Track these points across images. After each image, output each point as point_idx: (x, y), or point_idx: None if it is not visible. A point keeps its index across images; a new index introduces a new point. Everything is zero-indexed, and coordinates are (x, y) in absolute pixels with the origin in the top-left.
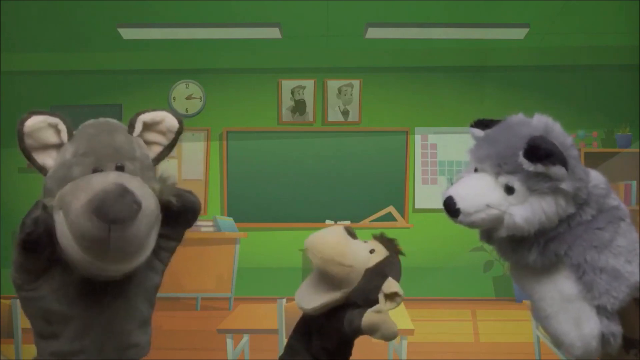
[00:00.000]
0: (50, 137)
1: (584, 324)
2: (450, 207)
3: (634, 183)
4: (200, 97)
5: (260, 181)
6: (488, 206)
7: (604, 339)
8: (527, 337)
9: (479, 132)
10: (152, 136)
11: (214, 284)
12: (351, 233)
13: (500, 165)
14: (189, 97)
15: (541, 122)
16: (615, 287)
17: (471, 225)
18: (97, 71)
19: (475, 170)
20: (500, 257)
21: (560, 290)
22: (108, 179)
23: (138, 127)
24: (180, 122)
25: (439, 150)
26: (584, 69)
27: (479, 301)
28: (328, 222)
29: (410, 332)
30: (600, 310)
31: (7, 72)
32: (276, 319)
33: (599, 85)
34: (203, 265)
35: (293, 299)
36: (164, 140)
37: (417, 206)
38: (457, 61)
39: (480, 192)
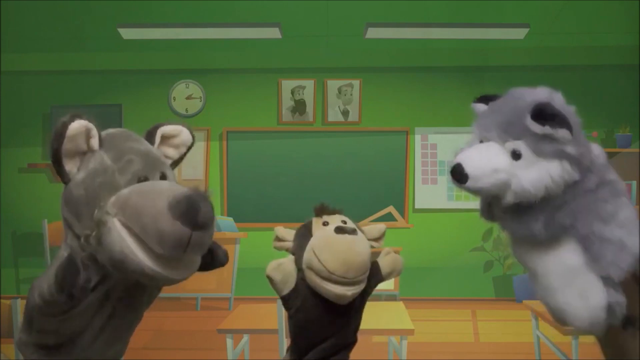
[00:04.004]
0: (82, 143)
1: (591, 295)
2: (458, 173)
3: (634, 183)
4: (200, 97)
5: (260, 181)
6: (496, 171)
7: (610, 309)
8: (527, 337)
9: (482, 107)
10: (164, 150)
11: (214, 284)
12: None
13: (507, 131)
14: (189, 97)
15: (544, 91)
16: (621, 257)
17: (479, 191)
18: (97, 71)
19: (480, 142)
20: (502, 229)
21: (566, 263)
22: (174, 186)
23: (157, 139)
24: (193, 138)
25: (439, 150)
26: (584, 69)
27: (479, 301)
28: None
29: (410, 332)
30: (607, 281)
31: (7, 72)
32: (276, 319)
33: (599, 85)
34: None
35: None
36: (175, 154)
37: (417, 206)
38: (457, 61)
39: (487, 158)
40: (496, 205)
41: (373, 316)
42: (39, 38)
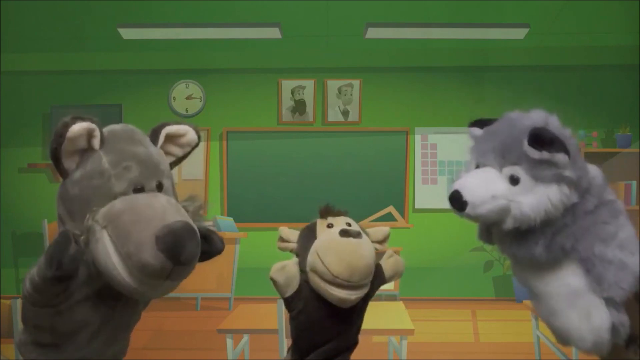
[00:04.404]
0: (82, 143)
1: (594, 317)
2: (457, 201)
3: (634, 183)
4: (200, 97)
5: (260, 181)
6: (494, 197)
7: (614, 329)
8: (527, 337)
9: (477, 131)
10: (169, 147)
11: (214, 284)
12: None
13: (504, 157)
14: (189, 97)
15: (540, 116)
16: (623, 278)
17: (478, 218)
18: (97, 71)
19: (477, 167)
20: (502, 253)
21: (568, 286)
22: (168, 211)
23: (161, 139)
24: (199, 138)
25: (439, 150)
26: (584, 69)
27: (479, 301)
28: None
29: (410, 332)
30: (609, 301)
31: (7, 72)
32: (276, 319)
33: (599, 85)
34: (203, 265)
35: None
36: (180, 153)
37: (417, 206)
38: (457, 61)
39: (485, 185)
40: (495, 229)
41: (373, 316)
42: (39, 38)
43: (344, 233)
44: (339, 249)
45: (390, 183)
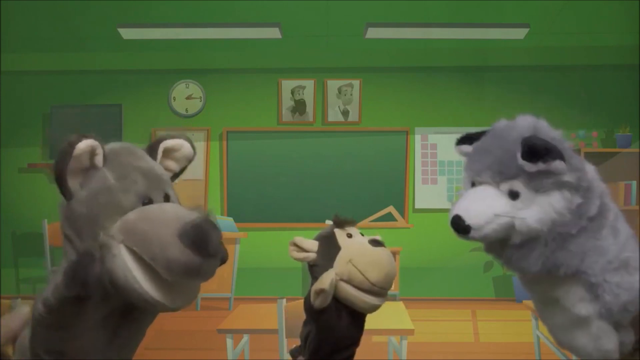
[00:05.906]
0: (86, 161)
1: (603, 341)
2: (460, 226)
3: (634, 183)
4: (200, 97)
5: (260, 181)
6: (497, 216)
7: (621, 345)
8: (527, 337)
9: (467, 148)
10: (166, 163)
11: (214, 284)
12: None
13: (500, 173)
14: (189, 97)
15: (528, 122)
16: (632, 301)
17: (484, 239)
18: (97, 71)
19: (473, 185)
20: (506, 267)
21: (576, 314)
22: (181, 212)
23: (159, 154)
24: (195, 152)
25: (439, 150)
26: (584, 69)
27: (479, 301)
28: (328, 222)
29: (410, 332)
30: (618, 325)
31: (7, 72)
32: (276, 319)
33: (599, 85)
34: None
35: (293, 299)
36: (176, 167)
37: (417, 206)
38: (457, 61)
39: (486, 204)
40: (501, 244)
41: (373, 316)
42: (39, 38)
43: (376, 243)
44: (375, 259)
45: (390, 183)
